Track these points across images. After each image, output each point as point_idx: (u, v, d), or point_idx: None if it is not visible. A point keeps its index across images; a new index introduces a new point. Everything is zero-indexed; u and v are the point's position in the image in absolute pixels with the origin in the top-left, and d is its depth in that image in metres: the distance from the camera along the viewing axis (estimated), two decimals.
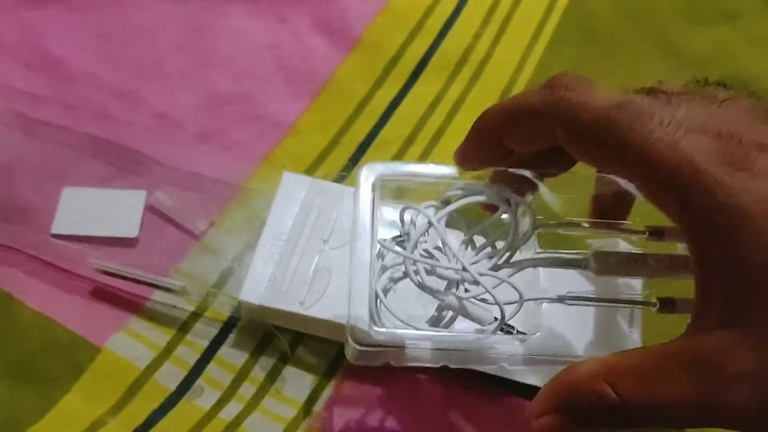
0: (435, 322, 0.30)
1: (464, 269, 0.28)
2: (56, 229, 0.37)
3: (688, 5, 0.50)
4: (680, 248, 0.29)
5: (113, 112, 0.41)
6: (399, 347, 0.28)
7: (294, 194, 0.37)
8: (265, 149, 0.41)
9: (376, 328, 0.28)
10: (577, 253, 0.30)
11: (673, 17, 0.49)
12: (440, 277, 0.28)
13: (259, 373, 0.35)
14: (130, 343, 0.35)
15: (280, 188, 0.37)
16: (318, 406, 0.34)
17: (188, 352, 0.35)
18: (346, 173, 0.40)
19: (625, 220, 0.31)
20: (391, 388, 0.34)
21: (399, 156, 0.42)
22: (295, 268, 0.35)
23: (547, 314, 0.29)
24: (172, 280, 0.35)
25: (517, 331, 0.29)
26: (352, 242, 0.30)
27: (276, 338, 0.35)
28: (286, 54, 0.45)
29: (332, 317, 0.33)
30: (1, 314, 0.35)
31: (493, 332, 0.28)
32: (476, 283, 0.28)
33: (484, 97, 0.44)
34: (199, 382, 0.34)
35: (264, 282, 0.34)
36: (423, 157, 0.42)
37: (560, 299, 0.30)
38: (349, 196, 0.37)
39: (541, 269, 0.30)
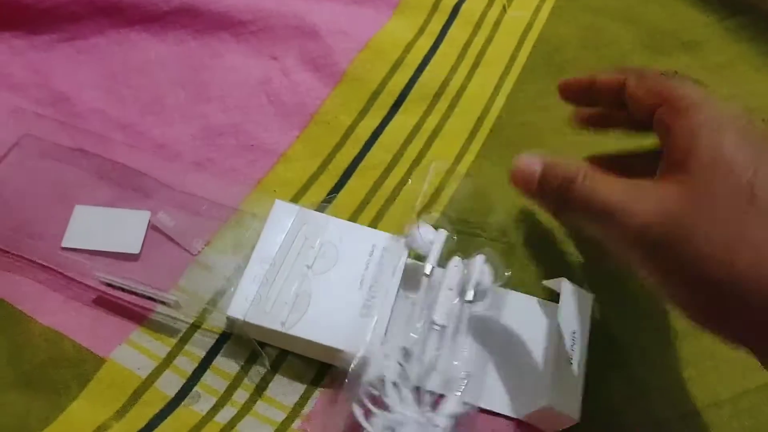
0: None
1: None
2: (66, 242, 0.40)
3: (649, 37, 0.54)
4: None
5: (117, 144, 0.45)
6: None
7: (283, 221, 0.40)
8: (257, 176, 0.44)
9: None
10: None
11: (634, 48, 0.53)
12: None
13: (251, 379, 0.38)
14: (132, 354, 0.38)
15: (270, 214, 0.41)
16: (306, 410, 0.37)
17: (186, 362, 0.38)
18: (327, 203, 0.43)
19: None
20: None
21: (381, 180, 0.45)
22: (279, 290, 0.38)
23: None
24: (167, 295, 0.38)
25: None
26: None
27: (260, 354, 0.38)
28: (277, 89, 0.48)
29: (310, 337, 0.37)
30: (15, 330, 0.38)
31: None
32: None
33: (460, 126, 0.48)
34: (197, 389, 0.37)
35: (250, 300, 0.37)
36: (403, 182, 0.45)
37: None
38: (333, 224, 0.41)
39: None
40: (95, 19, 0.49)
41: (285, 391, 0.37)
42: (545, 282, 0.41)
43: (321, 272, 0.39)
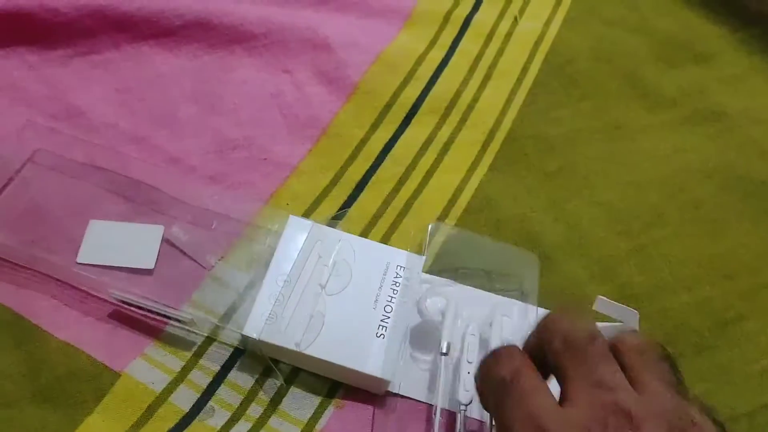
0: None
1: None
2: (81, 258, 0.40)
3: (661, 49, 0.54)
4: None
5: (130, 158, 0.45)
6: None
7: (297, 237, 0.41)
8: (270, 189, 0.45)
9: None
10: None
11: (647, 60, 0.53)
12: None
13: (265, 394, 0.38)
14: (147, 369, 0.38)
15: (285, 230, 0.41)
16: (320, 425, 0.37)
17: (201, 376, 0.38)
18: (339, 217, 0.44)
19: None
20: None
21: (393, 194, 0.45)
22: (293, 310, 0.38)
23: None
24: (182, 313, 0.38)
25: None
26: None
27: (274, 372, 0.38)
28: (289, 102, 0.49)
29: (325, 357, 0.37)
30: (32, 344, 0.38)
31: None
32: None
33: (472, 139, 0.48)
34: (211, 403, 0.37)
35: (265, 319, 0.38)
36: (416, 194, 0.45)
37: None
38: (346, 241, 0.41)
39: None
40: (109, 33, 0.50)
41: (299, 405, 0.37)
42: (595, 307, 0.40)
43: (335, 292, 0.39)
